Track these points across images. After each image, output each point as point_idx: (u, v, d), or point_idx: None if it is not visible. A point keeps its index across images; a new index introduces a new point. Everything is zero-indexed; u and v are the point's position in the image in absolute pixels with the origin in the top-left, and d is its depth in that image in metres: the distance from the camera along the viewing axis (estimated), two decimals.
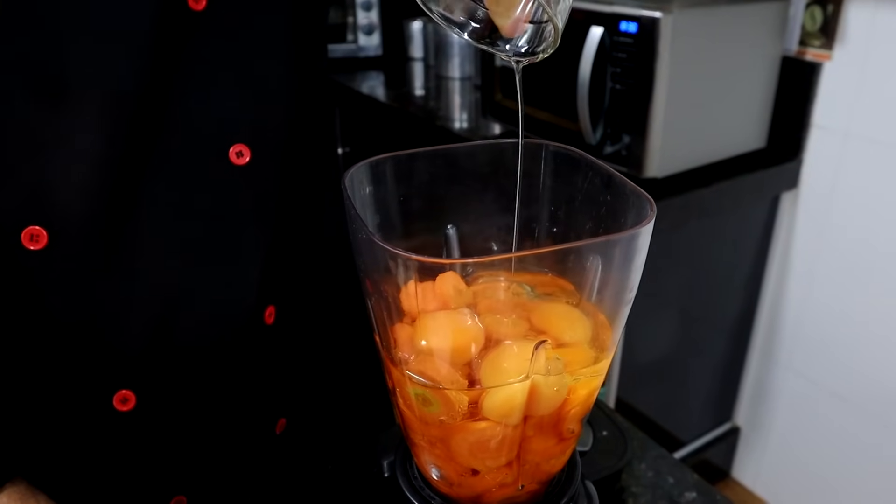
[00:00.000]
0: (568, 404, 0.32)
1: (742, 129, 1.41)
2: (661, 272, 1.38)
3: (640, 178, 1.27)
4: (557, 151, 0.36)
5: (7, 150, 0.46)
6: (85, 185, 0.48)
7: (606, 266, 0.32)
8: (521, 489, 0.35)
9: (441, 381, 0.31)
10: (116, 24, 0.46)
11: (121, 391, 0.54)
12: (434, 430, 0.33)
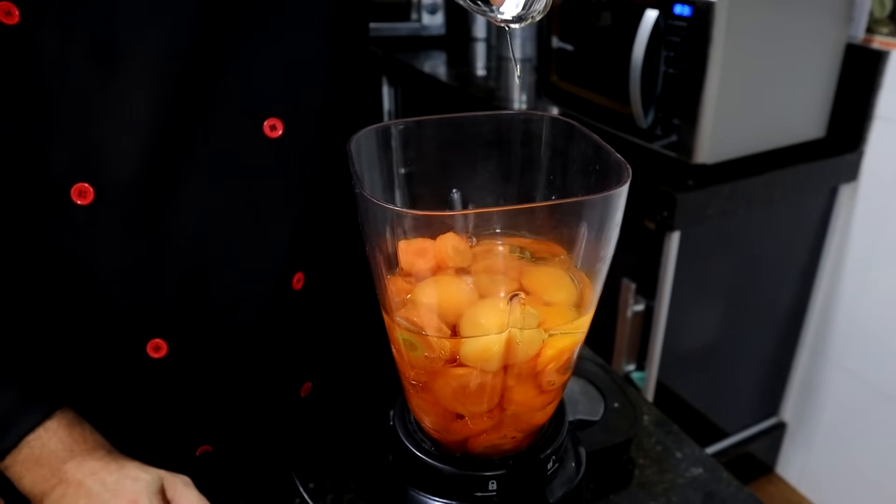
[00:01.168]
0: (544, 357, 0.34)
1: (800, 117, 1.37)
2: (709, 260, 1.37)
3: (688, 164, 1.26)
4: (555, 121, 0.38)
5: (62, 112, 0.50)
6: (132, 149, 0.52)
7: (588, 225, 0.34)
8: (503, 437, 0.37)
9: (425, 328, 0.33)
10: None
11: (154, 339, 0.59)
12: (420, 375, 0.36)
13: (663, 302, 1.36)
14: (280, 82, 0.57)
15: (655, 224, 1.28)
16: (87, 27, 0.49)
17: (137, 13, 0.50)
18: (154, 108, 0.52)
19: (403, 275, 0.36)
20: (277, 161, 0.58)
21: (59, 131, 0.51)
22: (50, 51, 0.49)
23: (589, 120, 1.48)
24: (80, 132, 0.52)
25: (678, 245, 1.29)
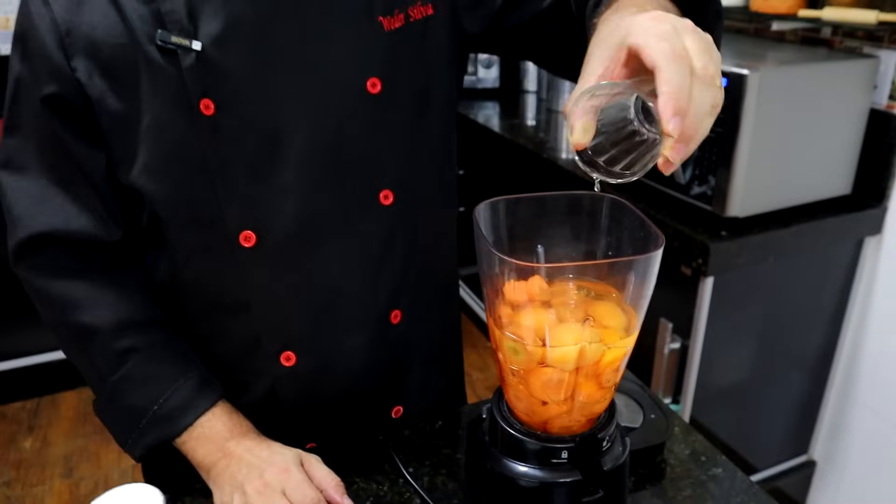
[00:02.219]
0: (603, 363, 0.52)
1: (827, 175, 1.53)
2: (741, 304, 1.53)
3: (722, 217, 1.43)
4: (613, 201, 0.56)
5: (237, 177, 0.70)
6: (286, 206, 0.72)
7: (634, 275, 0.52)
8: (572, 420, 0.55)
9: (525, 340, 0.51)
10: (320, 99, 0.70)
11: (287, 351, 0.78)
12: (519, 373, 0.53)
13: (698, 341, 1.51)
14: (397, 164, 0.77)
15: (691, 270, 1.45)
16: (260, 118, 0.70)
17: (295, 111, 0.70)
18: (302, 176, 0.72)
19: (508, 303, 0.54)
20: (389, 225, 0.77)
21: (234, 191, 0.71)
22: (232, 133, 0.70)
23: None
24: (249, 192, 0.72)
25: (712, 289, 1.45)
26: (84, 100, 0.70)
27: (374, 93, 0.73)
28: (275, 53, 0.69)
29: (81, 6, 0.69)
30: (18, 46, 0.72)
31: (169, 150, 0.70)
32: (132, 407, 0.76)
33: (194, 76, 0.67)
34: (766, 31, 1.75)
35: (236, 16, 0.68)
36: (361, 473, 0.77)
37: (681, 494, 0.73)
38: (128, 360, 0.76)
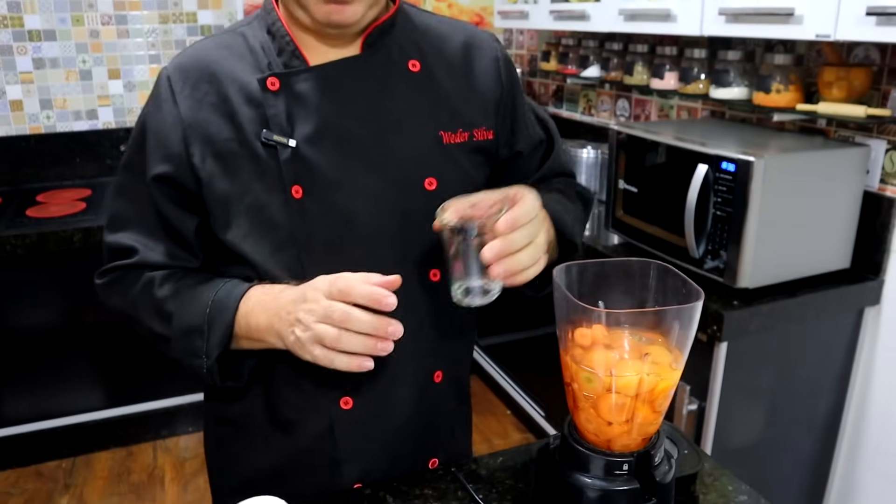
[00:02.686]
0: (656, 391, 0.68)
1: (828, 250, 1.71)
2: (753, 369, 1.67)
3: (732, 288, 1.59)
4: (658, 266, 0.73)
5: (318, 248, 0.89)
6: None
7: (679, 323, 0.68)
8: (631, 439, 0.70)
9: (597, 371, 0.67)
10: (385, 192, 0.89)
11: (346, 397, 0.92)
12: (590, 398, 0.69)
13: (714, 403, 1.65)
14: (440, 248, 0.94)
15: (707, 336, 1.60)
16: (337, 204, 0.88)
17: (366, 200, 0.89)
18: (369, 253, 0.90)
19: (578, 345, 0.70)
20: (436, 297, 0.95)
21: (315, 259, 0.89)
22: (315, 214, 0.87)
23: (649, 249, 1.83)
24: (327, 262, 0.88)
25: (726, 354, 1.61)
26: (194, 179, 0.89)
27: (431, 189, 0.91)
28: (352, 153, 0.88)
29: (202, 107, 0.88)
30: (141, 133, 0.92)
31: (265, 223, 0.89)
32: (192, 322, 0.88)
33: (289, 167, 0.86)
34: (767, 121, 1.96)
35: (325, 122, 0.87)
36: (438, 500, 0.90)
37: None
38: (177, 294, 0.91)
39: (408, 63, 0.92)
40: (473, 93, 0.96)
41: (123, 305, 0.95)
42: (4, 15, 2.65)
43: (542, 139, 1.05)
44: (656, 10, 1.87)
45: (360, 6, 0.84)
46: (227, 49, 0.91)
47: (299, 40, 0.89)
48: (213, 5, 2.89)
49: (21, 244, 2.26)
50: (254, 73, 0.88)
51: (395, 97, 0.91)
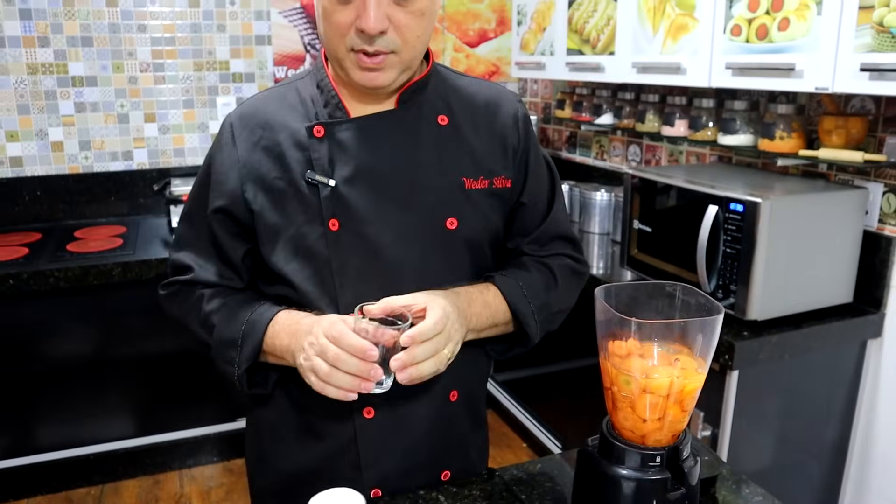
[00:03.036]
0: (685, 391, 0.80)
1: (831, 285, 1.84)
2: (763, 397, 1.78)
3: (742, 320, 1.72)
4: (683, 287, 0.86)
5: (349, 275, 1.03)
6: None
7: (702, 335, 0.80)
8: (663, 435, 0.82)
9: (634, 374, 0.80)
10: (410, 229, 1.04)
11: (368, 406, 1.04)
12: (628, 398, 0.81)
13: (726, 429, 1.76)
14: (458, 279, 1.08)
15: (719, 365, 1.72)
16: (368, 237, 1.02)
17: (393, 234, 1.03)
18: (394, 281, 1.03)
19: (615, 354, 0.82)
20: None
21: (347, 284, 1.03)
22: (348, 244, 1.02)
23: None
24: (357, 286, 1.03)
25: (737, 382, 1.72)
26: (248, 212, 1.05)
27: (451, 228, 1.06)
28: (383, 194, 1.03)
29: (256, 150, 1.04)
30: (206, 169, 1.09)
31: (306, 250, 1.03)
32: (228, 336, 1.03)
33: (328, 203, 1.01)
34: (772, 166, 2.11)
35: (361, 166, 1.02)
36: (486, 499, 1.02)
37: None
38: (221, 308, 1.06)
39: (437, 117, 1.07)
40: (494, 145, 1.10)
41: (178, 314, 1.12)
42: (51, 62, 2.83)
43: (544, 199, 1.18)
44: (667, 64, 2.03)
45: (392, 73, 0.99)
46: (282, 100, 1.07)
47: (343, 95, 1.05)
48: (244, 55, 3.08)
49: (63, 277, 2.39)
50: (303, 122, 1.04)
51: (424, 147, 1.05)
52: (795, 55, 1.64)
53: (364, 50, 0.95)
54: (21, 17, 2.76)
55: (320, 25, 0.98)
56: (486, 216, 1.09)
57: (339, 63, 0.99)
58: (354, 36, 0.94)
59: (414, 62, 1.01)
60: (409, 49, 0.97)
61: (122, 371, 2.63)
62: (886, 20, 1.43)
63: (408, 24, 0.95)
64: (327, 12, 0.95)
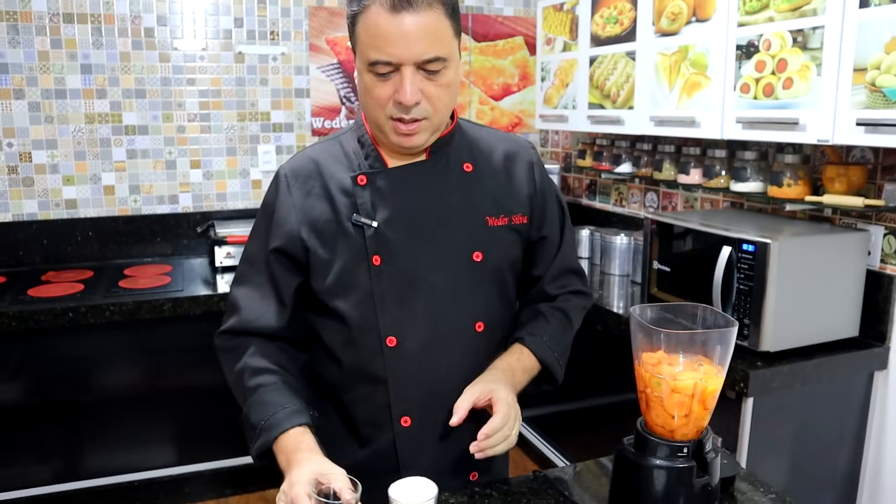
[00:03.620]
0: (706, 391, 0.97)
1: (838, 320, 2.00)
2: (776, 424, 1.93)
3: (756, 351, 1.88)
4: (703, 307, 1.04)
5: (387, 300, 1.20)
6: (417, 325, 1.22)
7: (720, 346, 0.98)
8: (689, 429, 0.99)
9: (665, 378, 0.97)
10: (441, 261, 1.22)
11: (405, 416, 1.21)
12: (659, 397, 0.98)
13: (742, 455, 1.90)
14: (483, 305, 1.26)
15: (735, 393, 1.88)
16: (405, 270, 1.20)
17: (427, 267, 1.21)
18: (428, 307, 1.21)
19: (647, 363, 1.00)
20: (480, 343, 1.26)
21: (387, 312, 1.20)
22: (389, 277, 1.20)
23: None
24: (396, 313, 1.20)
25: (752, 409, 1.87)
26: (303, 250, 1.22)
27: (477, 261, 1.25)
28: (418, 233, 1.22)
29: (309, 197, 1.23)
30: (265, 214, 1.26)
31: (351, 283, 1.21)
32: (253, 422, 1.15)
33: (371, 242, 1.20)
34: (780, 210, 2.29)
35: (398, 209, 1.21)
36: (534, 495, 1.18)
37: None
38: (256, 391, 1.18)
39: (462, 165, 1.27)
40: (512, 188, 1.30)
41: (228, 376, 1.26)
42: (107, 112, 3.08)
43: (557, 232, 1.37)
44: (683, 118, 2.24)
45: (425, 135, 1.17)
46: (328, 153, 1.26)
47: (381, 148, 1.24)
48: (284, 107, 3.32)
49: (118, 311, 2.59)
50: (347, 172, 1.23)
51: (452, 191, 1.24)
52: (799, 111, 1.84)
53: (402, 118, 1.12)
54: (82, 72, 3.02)
55: (362, 97, 1.16)
56: (506, 249, 1.28)
57: (378, 128, 1.17)
58: (393, 107, 1.11)
59: (442, 124, 1.19)
60: (438, 115, 1.14)
61: (166, 403, 2.79)
62: (878, 81, 1.63)
63: (437, 94, 1.12)
64: (368, 87, 1.12)
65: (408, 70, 1.08)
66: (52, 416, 2.64)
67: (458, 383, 1.20)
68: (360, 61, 1.13)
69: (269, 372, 1.21)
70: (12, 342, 2.54)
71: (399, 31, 1.06)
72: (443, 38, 1.09)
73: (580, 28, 2.77)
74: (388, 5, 1.05)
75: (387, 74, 1.09)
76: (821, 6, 1.76)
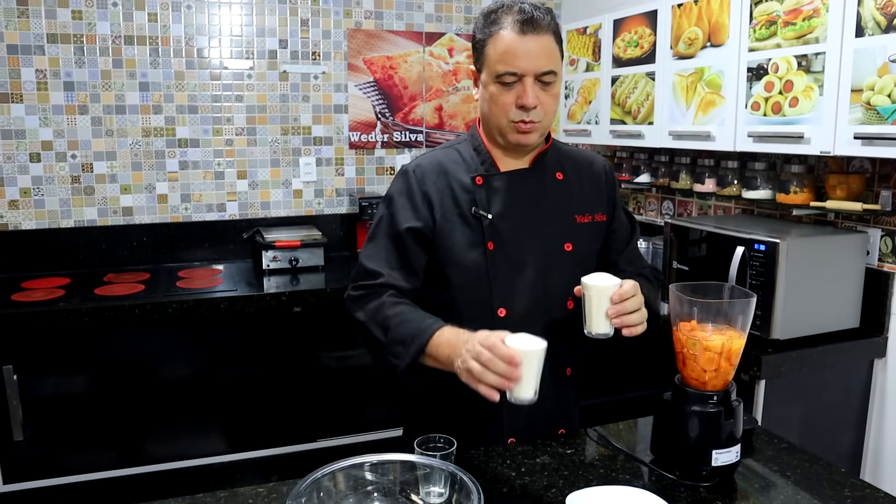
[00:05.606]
0: (731, 350, 1.23)
1: (840, 312, 2.25)
2: (787, 405, 2.17)
3: (767, 339, 2.13)
4: (728, 285, 1.29)
5: (500, 280, 1.48)
6: (522, 299, 1.49)
7: (742, 314, 1.23)
8: (718, 381, 1.24)
9: (699, 341, 1.22)
10: (541, 249, 1.51)
11: None
12: (693, 354, 1.24)
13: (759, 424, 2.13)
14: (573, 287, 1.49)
15: (749, 377, 2.12)
16: (513, 254, 1.48)
17: (530, 253, 1.49)
18: (530, 285, 1.48)
19: (683, 329, 1.25)
20: (570, 318, 1.50)
21: (497, 287, 1.47)
22: (500, 259, 1.48)
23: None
24: (505, 289, 1.47)
25: (764, 391, 2.11)
26: (432, 232, 1.48)
27: (568, 250, 1.51)
28: (523, 225, 1.49)
29: (436, 189, 1.49)
30: (389, 202, 1.51)
31: (469, 263, 1.47)
32: (402, 336, 1.34)
33: (488, 231, 1.46)
34: (788, 215, 2.54)
35: (508, 205, 1.48)
36: (585, 446, 1.43)
37: (766, 453, 1.38)
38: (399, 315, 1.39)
39: (556, 174, 1.55)
40: (593, 191, 1.58)
41: (361, 315, 1.46)
42: (162, 126, 3.35)
43: (626, 227, 1.66)
44: (699, 133, 2.50)
45: (536, 135, 1.46)
46: (448, 158, 1.53)
47: (494, 154, 1.51)
48: (324, 121, 3.60)
49: (179, 308, 2.84)
50: (466, 174, 1.50)
51: (548, 193, 1.53)
52: (803, 126, 2.10)
53: (522, 119, 1.41)
54: (140, 89, 3.30)
55: (486, 106, 1.46)
56: (590, 241, 1.55)
57: (499, 130, 1.46)
58: (515, 112, 1.41)
59: (547, 129, 1.49)
60: (547, 119, 1.45)
61: (220, 394, 3.03)
62: (873, 100, 1.89)
63: (548, 101, 1.42)
64: (494, 96, 1.42)
65: (529, 80, 1.38)
66: (115, 406, 2.88)
67: (554, 351, 1.40)
68: (487, 75, 1.42)
69: (407, 304, 1.43)
70: (83, 337, 2.79)
71: (525, 48, 1.37)
72: (554, 57, 1.41)
73: (602, 50, 3.04)
74: (518, 29, 1.37)
75: (511, 84, 1.39)
76: (822, 34, 2.03)
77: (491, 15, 1.43)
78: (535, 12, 1.38)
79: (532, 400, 1.21)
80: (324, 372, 3.12)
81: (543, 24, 1.38)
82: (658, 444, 1.34)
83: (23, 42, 3.10)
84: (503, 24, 1.39)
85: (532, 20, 1.37)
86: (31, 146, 3.18)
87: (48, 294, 2.87)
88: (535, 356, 1.19)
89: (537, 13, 1.39)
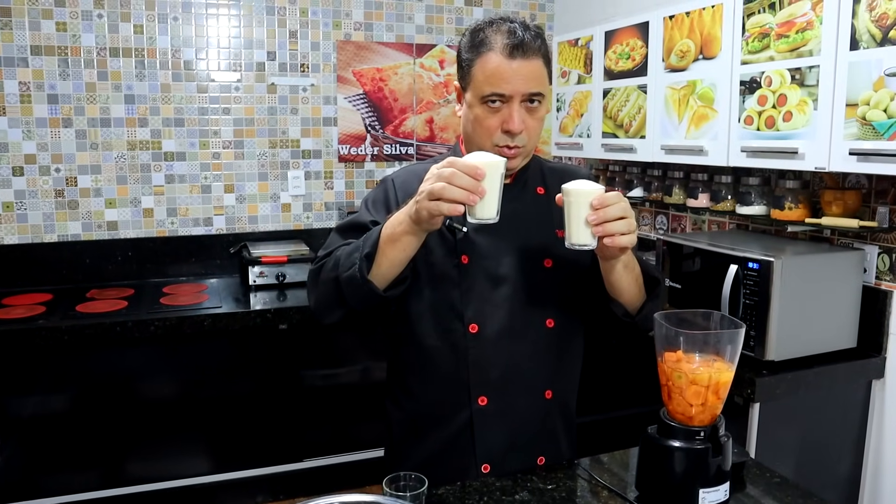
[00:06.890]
0: (719, 383, 1.15)
1: (837, 332, 2.17)
2: (782, 428, 2.10)
3: (761, 360, 2.06)
4: (716, 313, 1.22)
5: (473, 295, 1.42)
6: (496, 315, 1.42)
7: (730, 345, 1.16)
8: (705, 416, 1.17)
9: (684, 374, 1.15)
10: (518, 265, 1.44)
11: (482, 396, 1.39)
12: (679, 388, 1.16)
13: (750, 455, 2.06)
14: (553, 304, 1.44)
15: (743, 399, 2.05)
16: (489, 269, 1.42)
17: (506, 269, 1.42)
18: (506, 301, 1.42)
19: (667, 361, 1.18)
20: (550, 338, 1.45)
21: (470, 302, 1.41)
22: (474, 273, 1.42)
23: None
24: (479, 304, 1.41)
25: (759, 414, 2.04)
26: None
27: (548, 266, 1.44)
28: (499, 240, 1.43)
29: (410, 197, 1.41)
30: (366, 203, 1.47)
31: (441, 275, 1.42)
32: (351, 249, 1.30)
33: (461, 244, 1.41)
34: (783, 232, 2.48)
35: None
36: (571, 479, 1.35)
37: (757, 488, 1.31)
38: (350, 243, 1.33)
39: (536, 189, 1.50)
40: None
41: (322, 275, 1.38)
42: (147, 139, 3.29)
43: None
44: (691, 147, 2.43)
45: (520, 160, 1.42)
46: (427, 171, 1.45)
47: None
48: (313, 134, 3.54)
49: (162, 326, 2.77)
50: None
51: (529, 208, 1.47)
52: (798, 141, 2.03)
53: (507, 144, 1.36)
54: (126, 102, 3.24)
55: (470, 127, 1.40)
56: (573, 257, 1.46)
57: None
58: (500, 136, 1.36)
59: (531, 152, 1.45)
60: (531, 143, 1.41)
61: (203, 413, 2.96)
62: (868, 115, 1.82)
63: (533, 125, 1.38)
64: (479, 118, 1.36)
65: (515, 102, 1.34)
66: (96, 426, 2.81)
67: (530, 371, 1.41)
68: (472, 96, 1.38)
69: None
70: (63, 355, 2.72)
71: (512, 71, 1.32)
72: (542, 80, 1.37)
73: (594, 62, 2.98)
74: (507, 53, 1.33)
75: (497, 107, 1.34)
76: (816, 47, 1.97)
77: (479, 34, 1.38)
78: (525, 35, 1.34)
79: (494, 219, 1.22)
80: (309, 391, 3.05)
81: (533, 48, 1.34)
82: (643, 481, 1.27)
83: (6, 54, 3.04)
84: (492, 45, 1.34)
85: (522, 45, 1.32)
86: (13, 159, 3.12)
87: (28, 311, 2.80)
88: (495, 168, 1.20)
89: (527, 36, 1.34)
